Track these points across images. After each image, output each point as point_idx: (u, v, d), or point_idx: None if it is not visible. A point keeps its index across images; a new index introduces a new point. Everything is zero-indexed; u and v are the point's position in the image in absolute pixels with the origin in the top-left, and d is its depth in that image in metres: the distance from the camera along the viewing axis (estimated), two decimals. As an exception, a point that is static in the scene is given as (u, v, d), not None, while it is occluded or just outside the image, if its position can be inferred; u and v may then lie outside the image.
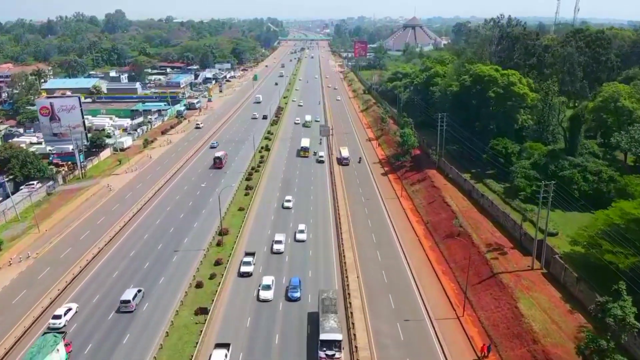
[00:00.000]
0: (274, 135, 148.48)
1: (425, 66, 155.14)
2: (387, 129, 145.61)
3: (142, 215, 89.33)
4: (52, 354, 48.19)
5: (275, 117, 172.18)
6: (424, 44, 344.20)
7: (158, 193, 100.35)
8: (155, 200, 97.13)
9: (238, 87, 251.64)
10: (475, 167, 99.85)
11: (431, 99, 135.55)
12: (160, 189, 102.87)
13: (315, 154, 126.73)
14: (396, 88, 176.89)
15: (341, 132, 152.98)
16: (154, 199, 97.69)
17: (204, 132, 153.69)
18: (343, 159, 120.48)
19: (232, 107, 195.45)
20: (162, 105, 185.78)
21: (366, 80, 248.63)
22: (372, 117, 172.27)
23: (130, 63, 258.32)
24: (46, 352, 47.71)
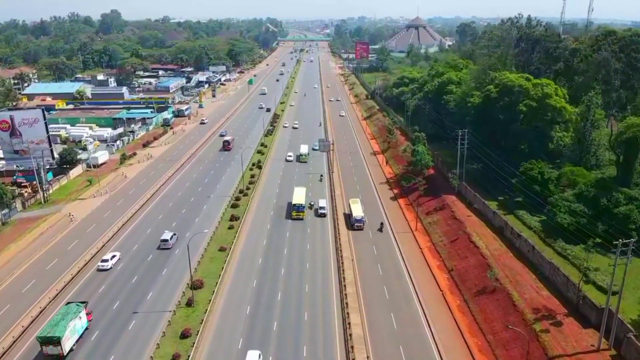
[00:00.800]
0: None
1: (436, 71, 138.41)
2: (394, 142, 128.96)
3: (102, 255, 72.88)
4: (74, 320, 51.87)
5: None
6: (428, 45, 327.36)
7: (126, 226, 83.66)
8: (122, 233, 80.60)
9: (233, 91, 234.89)
10: (502, 193, 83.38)
11: (444, 109, 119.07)
12: (130, 219, 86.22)
13: (311, 206, 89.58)
14: (403, 94, 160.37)
15: (344, 146, 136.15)
16: (121, 232, 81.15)
17: (189, 144, 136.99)
18: (356, 221, 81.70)
19: (225, 114, 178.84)
20: (148, 113, 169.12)
21: (369, 84, 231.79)
22: (377, 126, 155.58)
23: (118, 66, 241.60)
24: (69, 318, 51.49)
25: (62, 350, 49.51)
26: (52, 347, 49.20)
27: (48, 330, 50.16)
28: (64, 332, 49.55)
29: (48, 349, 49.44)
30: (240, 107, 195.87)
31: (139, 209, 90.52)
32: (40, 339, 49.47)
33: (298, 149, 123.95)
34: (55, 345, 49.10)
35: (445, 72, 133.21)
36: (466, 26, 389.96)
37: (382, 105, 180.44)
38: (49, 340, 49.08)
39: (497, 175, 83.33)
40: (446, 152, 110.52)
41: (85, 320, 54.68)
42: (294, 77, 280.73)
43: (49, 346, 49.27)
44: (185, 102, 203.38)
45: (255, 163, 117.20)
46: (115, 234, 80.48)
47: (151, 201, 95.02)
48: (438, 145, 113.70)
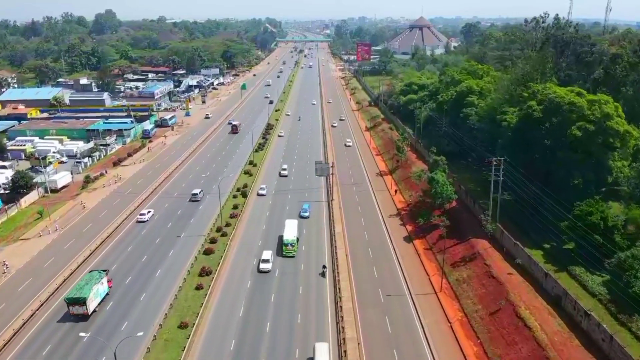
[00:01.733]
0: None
1: (451, 78, 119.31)
2: (403, 160, 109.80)
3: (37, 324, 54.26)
4: (97, 285, 57.19)
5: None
6: (432, 47, 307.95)
7: (66, 284, 64.56)
8: (63, 290, 61.72)
9: (225, 97, 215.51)
10: (547, 237, 64.49)
11: (464, 123, 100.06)
12: (75, 271, 67.16)
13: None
14: (411, 103, 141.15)
15: (345, 164, 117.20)
16: (63, 288, 62.20)
17: (168, 161, 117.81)
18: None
19: (215, 123, 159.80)
20: (127, 124, 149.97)
21: (371, 88, 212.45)
22: (382, 139, 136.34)
23: (100, 68, 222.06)
24: (93, 283, 56.80)
25: (87, 310, 54.61)
26: (78, 307, 54.38)
27: (75, 292, 55.27)
28: (88, 294, 54.65)
29: (74, 309, 54.58)
30: (232, 114, 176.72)
31: (90, 255, 71.47)
32: (68, 300, 54.73)
33: (281, 227, 76.03)
34: (80, 306, 54.28)
35: (462, 79, 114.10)
36: (471, 26, 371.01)
37: (387, 114, 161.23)
38: (76, 301, 54.20)
39: (538, 213, 64.46)
40: (467, 177, 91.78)
41: (106, 286, 59.75)
42: (290, 84, 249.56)
43: (75, 306, 54.41)
44: (172, 109, 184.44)
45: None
46: (56, 288, 61.66)
47: (107, 243, 75.94)
48: (456, 166, 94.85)
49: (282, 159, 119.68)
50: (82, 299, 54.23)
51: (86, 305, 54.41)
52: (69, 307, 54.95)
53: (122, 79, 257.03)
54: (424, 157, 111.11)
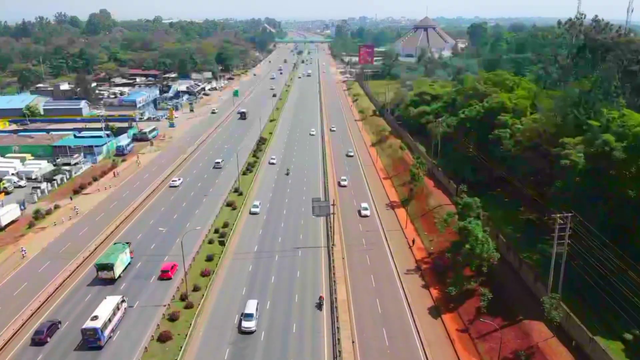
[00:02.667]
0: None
1: (474, 89, 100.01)
2: (420, 190, 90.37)
3: None
4: (121, 254, 63.78)
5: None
6: (438, 48, 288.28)
7: None
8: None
9: (217, 104, 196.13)
10: (630, 323, 45.53)
11: (494, 148, 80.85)
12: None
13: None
14: (423, 115, 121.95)
15: (348, 192, 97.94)
16: None
17: (139, 188, 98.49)
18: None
19: (201, 135, 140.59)
20: (102, 139, 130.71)
21: (375, 95, 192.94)
22: (390, 158, 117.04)
23: (78, 73, 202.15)
24: (118, 253, 63.59)
25: (114, 274, 61.96)
26: (106, 272, 61.95)
27: (103, 259, 63.04)
28: (115, 261, 62.23)
29: (103, 274, 62.13)
30: (222, 125, 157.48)
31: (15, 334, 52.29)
32: (98, 266, 62.36)
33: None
34: (109, 270, 61.82)
35: (487, 91, 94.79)
36: (478, 27, 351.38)
37: (395, 126, 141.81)
38: (105, 266, 61.88)
39: (616, 289, 45.51)
40: (499, 215, 72.67)
41: (129, 257, 66.48)
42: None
43: (103, 271, 62.04)
44: (156, 118, 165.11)
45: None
46: None
47: (43, 310, 56.80)
48: (483, 198, 75.52)
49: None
50: (110, 264, 61.54)
51: (113, 271, 61.64)
52: (98, 272, 62.23)
53: (109, 83, 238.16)
54: (442, 184, 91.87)
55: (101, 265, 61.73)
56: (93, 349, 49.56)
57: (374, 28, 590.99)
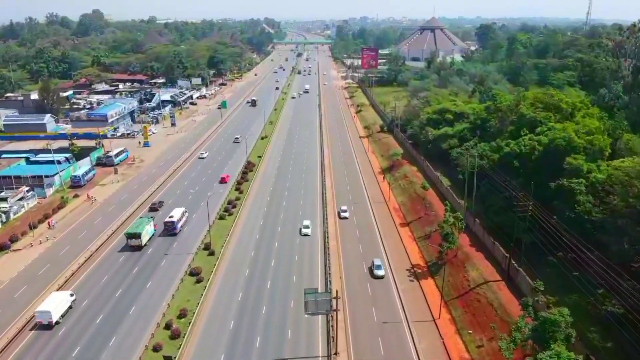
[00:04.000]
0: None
1: (517, 113, 75.86)
2: (453, 253, 65.74)
3: None
4: (147, 226, 72.77)
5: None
6: (446, 52, 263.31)
7: None
8: None
9: (203, 115, 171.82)
10: None
11: (565, 204, 56.57)
12: None
13: None
14: (445, 139, 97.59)
15: (353, 246, 73.65)
16: None
17: (83, 242, 74.28)
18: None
19: (179, 159, 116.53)
20: (62, 165, 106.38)
21: (381, 105, 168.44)
22: (406, 193, 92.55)
23: (42, 80, 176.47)
24: (144, 225, 72.45)
25: (141, 242, 70.65)
26: (135, 240, 70.51)
27: (133, 229, 71.49)
28: (142, 230, 70.94)
29: (132, 241, 70.71)
30: (205, 143, 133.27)
31: None
32: (127, 234, 71.14)
33: None
34: (137, 239, 70.36)
35: (537, 116, 70.59)
36: (487, 28, 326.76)
37: (408, 148, 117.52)
38: (133, 235, 70.40)
39: None
40: (571, 301, 48.56)
41: (152, 229, 75.03)
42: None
43: (132, 239, 70.54)
44: (132, 135, 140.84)
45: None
46: None
47: None
48: (538, 265, 51.77)
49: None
50: (138, 233, 70.31)
51: (141, 239, 70.43)
52: (128, 240, 70.95)
53: (88, 90, 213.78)
54: (481, 243, 67.51)
55: (130, 234, 70.54)
56: (171, 235, 75.28)
57: (375, 28, 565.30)
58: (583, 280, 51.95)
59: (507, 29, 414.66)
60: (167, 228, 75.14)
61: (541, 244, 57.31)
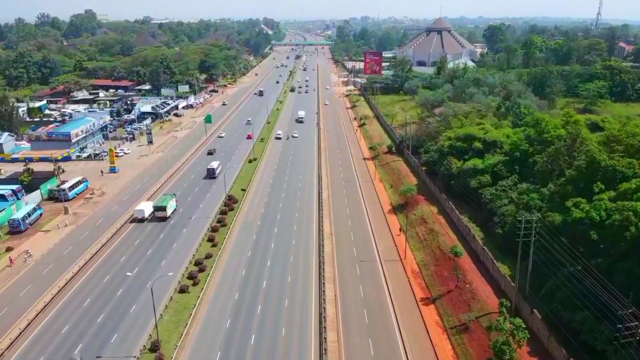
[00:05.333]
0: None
1: (581, 153, 54.92)
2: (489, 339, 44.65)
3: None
4: (170, 201, 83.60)
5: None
6: (454, 56, 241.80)
7: None
8: None
9: (187, 129, 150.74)
10: None
11: None
12: None
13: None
14: (474, 175, 76.46)
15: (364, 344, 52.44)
16: None
17: None
18: None
19: (149, 189, 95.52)
20: (9, 202, 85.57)
21: (388, 118, 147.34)
22: (428, 248, 71.19)
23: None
24: (168, 199, 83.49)
25: (166, 214, 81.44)
26: (161, 212, 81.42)
27: (159, 203, 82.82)
28: (167, 204, 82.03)
29: (158, 213, 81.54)
30: (182, 169, 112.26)
31: None
32: (155, 207, 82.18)
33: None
34: (162, 211, 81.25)
35: (615, 164, 49.58)
36: (495, 29, 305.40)
37: (422, 177, 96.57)
38: (160, 207, 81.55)
39: None
40: None
41: (174, 204, 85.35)
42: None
43: (159, 211, 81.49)
44: (101, 157, 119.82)
45: None
46: None
47: None
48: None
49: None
50: (163, 206, 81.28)
51: (166, 211, 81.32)
52: (155, 212, 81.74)
53: (66, 99, 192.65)
54: (545, 349, 46.37)
55: (157, 207, 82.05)
56: (212, 178, 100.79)
57: (376, 29, 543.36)
58: None
59: (513, 30, 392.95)
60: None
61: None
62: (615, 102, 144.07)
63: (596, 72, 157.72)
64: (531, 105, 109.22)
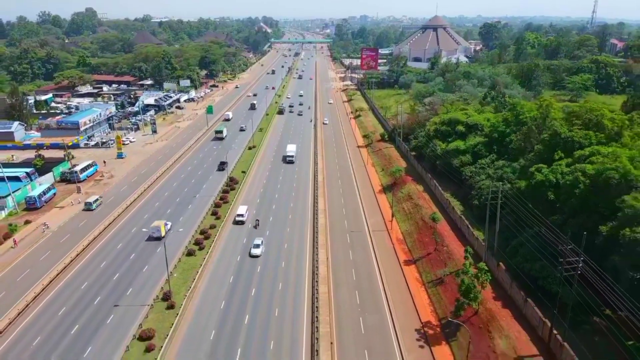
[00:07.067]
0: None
1: (549, 129, 61.98)
2: (475, 314, 51.67)
3: None
4: (225, 128, 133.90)
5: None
6: (449, 53, 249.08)
7: None
8: None
9: (189, 121, 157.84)
10: None
11: (621, 254, 42.63)
12: None
13: None
14: (456, 156, 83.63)
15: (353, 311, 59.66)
16: None
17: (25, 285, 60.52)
18: None
19: (154, 174, 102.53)
20: (24, 182, 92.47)
21: (382, 110, 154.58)
22: (412, 220, 78.56)
23: (12, 85, 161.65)
24: (223, 126, 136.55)
25: (223, 136, 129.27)
26: (220, 134, 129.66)
27: (219, 129, 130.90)
28: (223, 129, 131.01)
29: (217, 135, 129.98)
30: (184, 156, 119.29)
31: None
32: (216, 131, 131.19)
33: None
34: (221, 134, 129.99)
35: (576, 136, 56.77)
36: (491, 27, 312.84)
37: (412, 162, 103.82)
38: (219, 132, 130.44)
39: None
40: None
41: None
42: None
43: (218, 134, 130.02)
44: (107, 144, 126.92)
45: None
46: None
47: None
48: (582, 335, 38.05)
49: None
50: (222, 131, 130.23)
51: (223, 134, 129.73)
52: (216, 134, 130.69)
53: (70, 93, 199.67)
54: (512, 301, 53.47)
55: (217, 131, 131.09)
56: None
57: (375, 27, 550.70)
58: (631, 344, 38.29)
59: (510, 28, 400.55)
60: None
61: (586, 304, 43.70)
62: (601, 94, 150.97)
63: (583, 66, 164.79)
64: (517, 95, 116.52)
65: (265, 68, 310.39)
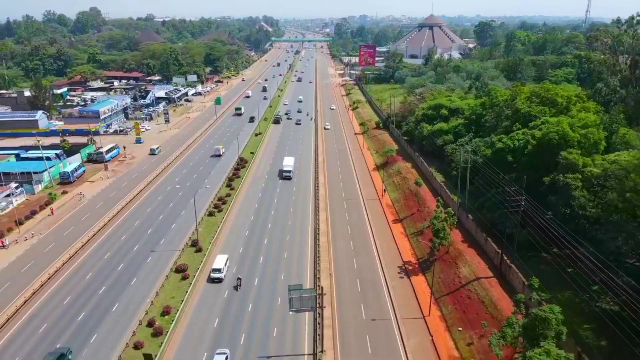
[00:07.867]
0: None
1: (512, 108, 74.57)
2: (445, 249, 64.33)
3: None
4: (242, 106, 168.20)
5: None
6: (444, 50, 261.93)
7: None
8: None
9: (199, 112, 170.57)
10: None
11: (561, 198, 55.32)
12: None
13: None
14: (440, 135, 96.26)
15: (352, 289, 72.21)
16: None
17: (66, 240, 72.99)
18: None
19: (170, 156, 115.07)
20: (51, 162, 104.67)
21: (378, 102, 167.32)
22: (400, 190, 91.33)
23: (36, 77, 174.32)
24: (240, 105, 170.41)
25: (241, 112, 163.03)
26: (239, 111, 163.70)
27: (238, 106, 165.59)
28: (242, 107, 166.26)
29: (237, 112, 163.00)
30: (196, 142, 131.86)
31: None
32: (236, 109, 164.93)
33: None
34: (240, 111, 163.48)
35: (532, 112, 69.42)
36: (486, 26, 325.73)
37: (403, 145, 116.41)
38: (238, 108, 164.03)
39: None
40: (566, 296, 47.25)
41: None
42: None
43: (238, 110, 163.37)
44: (125, 131, 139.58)
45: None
46: None
47: None
48: (538, 271, 50.51)
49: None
50: (241, 107, 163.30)
51: (241, 110, 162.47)
52: (236, 111, 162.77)
53: (83, 87, 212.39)
54: (473, 239, 66.25)
55: (237, 108, 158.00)
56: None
57: (374, 27, 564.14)
58: (577, 278, 50.58)
59: (506, 27, 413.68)
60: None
61: (534, 240, 56.07)
62: (581, 85, 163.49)
63: (566, 61, 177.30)
64: (500, 86, 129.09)
65: (270, 62, 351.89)
